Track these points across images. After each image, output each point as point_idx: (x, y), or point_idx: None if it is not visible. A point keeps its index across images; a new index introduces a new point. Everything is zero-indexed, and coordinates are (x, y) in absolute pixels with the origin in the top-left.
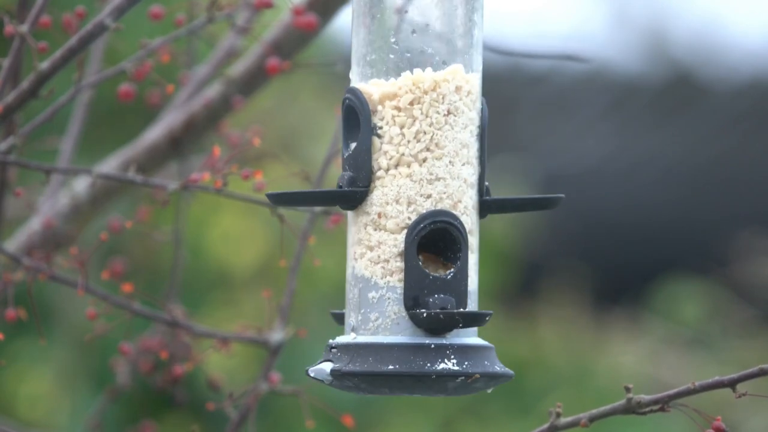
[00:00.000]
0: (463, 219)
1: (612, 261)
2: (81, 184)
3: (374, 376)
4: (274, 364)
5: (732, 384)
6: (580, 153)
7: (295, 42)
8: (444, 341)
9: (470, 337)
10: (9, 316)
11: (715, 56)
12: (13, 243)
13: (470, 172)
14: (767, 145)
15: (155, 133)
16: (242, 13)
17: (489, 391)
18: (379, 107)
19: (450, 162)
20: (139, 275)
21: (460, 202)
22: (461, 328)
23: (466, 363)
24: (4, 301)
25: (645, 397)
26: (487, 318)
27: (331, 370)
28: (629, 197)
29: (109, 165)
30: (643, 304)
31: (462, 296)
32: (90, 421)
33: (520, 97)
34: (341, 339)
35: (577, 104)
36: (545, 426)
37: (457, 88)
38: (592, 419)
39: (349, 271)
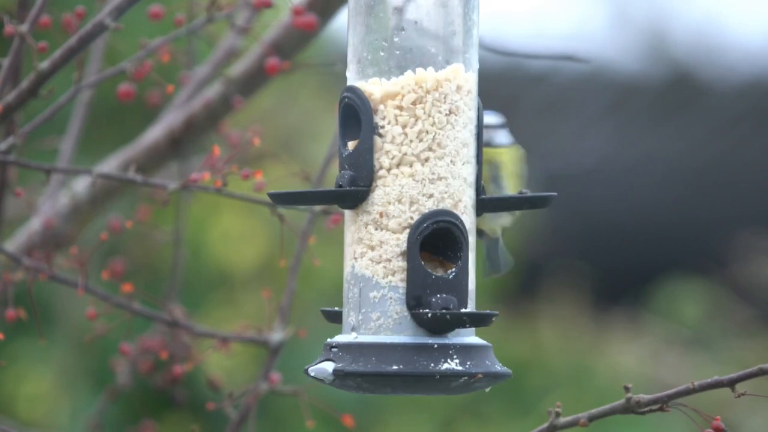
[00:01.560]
0: (464, 218)
1: (612, 261)
2: (81, 184)
3: (377, 376)
4: (274, 364)
5: (731, 384)
6: (580, 153)
7: (295, 42)
8: (446, 341)
9: (470, 336)
10: (9, 316)
11: (715, 56)
12: (13, 243)
13: (470, 171)
14: (767, 145)
15: (155, 133)
16: (242, 13)
17: (487, 390)
18: (381, 106)
19: (451, 161)
20: (139, 275)
21: (460, 201)
22: (467, 327)
23: (468, 363)
24: (4, 301)
25: (644, 397)
26: (493, 319)
27: (334, 370)
28: (629, 197)
29: (109, 165)
30: (643, 304)
31: (463, 295)
32: (90, 421)
33: (519, 97)
34: (341, 338)
35: (577, 104)
36: (545, 425)
37: (458, 88)
38: (592, 419)
39: (347, 270)
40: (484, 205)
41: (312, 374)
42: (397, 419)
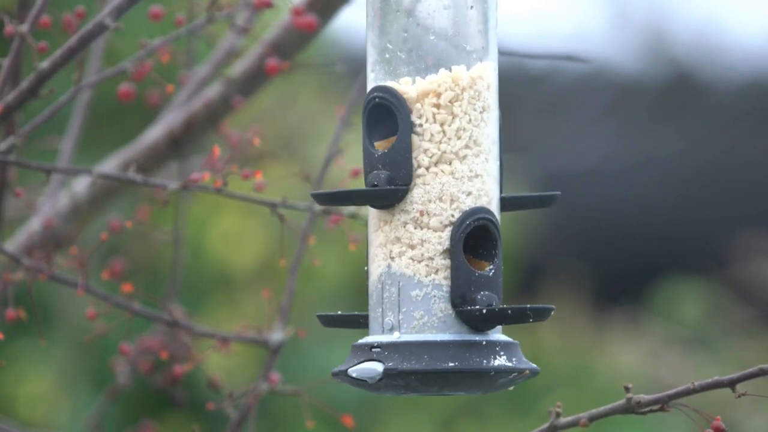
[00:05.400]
0: (497, 215)
1: (612, 261)
2: (81, 184)
3: (432, 374)
4: (274, 364)
5: (732, 384)
6: (580, 153)
7: (295, 42)
8: (491, 338)
9: (502, 334)
10: (9, 316)
11: (715, 56)
12: (13, 243)
13: (497, 169)
14: (767, 145)
15: (155, 133)
16: (242, 13)
17: (511, 388)
18: (417, 105)
19: (486, 159)
20: (139, 275)
21: (493, 198)
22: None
23: (513, 359)
24: (4, 301)
25: (645, 397)
26: (551, 312)
27: (386, 369)
28: (629, 197)
29: (109, 165)
30: (642, 305)
31: (500, 293)
32: (90, 421)
33: (520, 97)
34: (380, 338)
35: (577, 104)
36: (545, 426)
37: (488, 86)
38: (592, 419)
39: (380, 270)
40: (504, 203)
41: (354, 375)
42: (397, 419)
